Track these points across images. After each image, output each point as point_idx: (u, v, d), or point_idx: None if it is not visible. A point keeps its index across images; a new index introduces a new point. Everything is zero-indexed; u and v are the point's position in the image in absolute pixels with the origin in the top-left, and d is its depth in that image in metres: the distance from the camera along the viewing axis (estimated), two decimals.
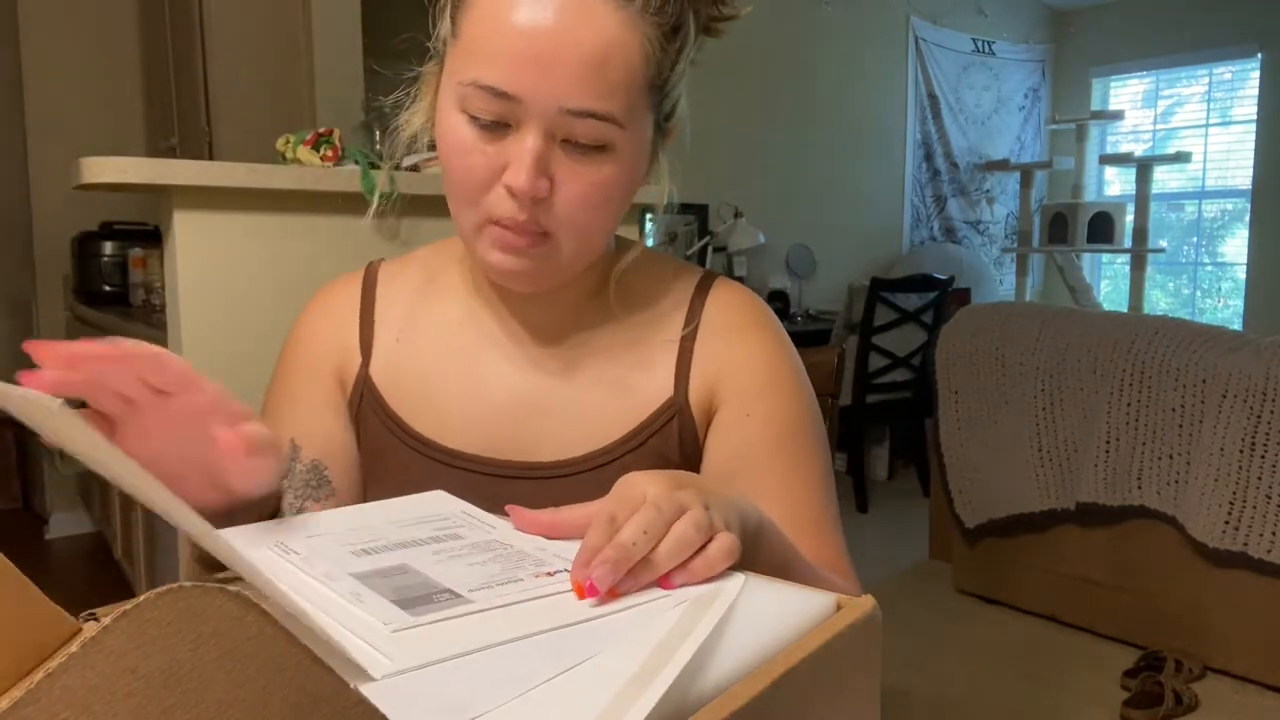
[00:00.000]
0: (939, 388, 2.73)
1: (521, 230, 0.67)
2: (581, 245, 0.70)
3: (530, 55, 0.62)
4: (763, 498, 0.71)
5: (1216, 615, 2.20)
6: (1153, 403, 2.27)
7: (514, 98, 0.63)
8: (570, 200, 0.66)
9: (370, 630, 0.41)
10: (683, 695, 0.37)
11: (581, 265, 0.73)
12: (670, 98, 0.71)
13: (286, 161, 1.64)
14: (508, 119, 0.65)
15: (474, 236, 0.69)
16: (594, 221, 0.69)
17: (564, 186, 0.66)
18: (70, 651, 0.27)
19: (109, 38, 3.47)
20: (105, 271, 3.17)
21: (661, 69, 0.67)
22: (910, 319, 3.64)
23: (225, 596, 0.29)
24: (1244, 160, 5.51)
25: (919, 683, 2.20)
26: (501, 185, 0.66)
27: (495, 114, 0.64)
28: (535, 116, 0.64)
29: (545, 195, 0.66)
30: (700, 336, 0.78)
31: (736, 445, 0.76)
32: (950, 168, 5.66)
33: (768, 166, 4.75)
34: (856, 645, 0.44)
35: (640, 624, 0.42)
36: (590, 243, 0.71)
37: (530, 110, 0.63)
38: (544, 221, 0.67)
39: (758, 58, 4.60)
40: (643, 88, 0.66)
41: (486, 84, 0.63)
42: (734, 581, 0.47)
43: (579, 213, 0.67)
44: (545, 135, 0.64)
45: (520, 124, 0.65)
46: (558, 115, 0.63)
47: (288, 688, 0.29)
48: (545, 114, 0.63)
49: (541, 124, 0.64)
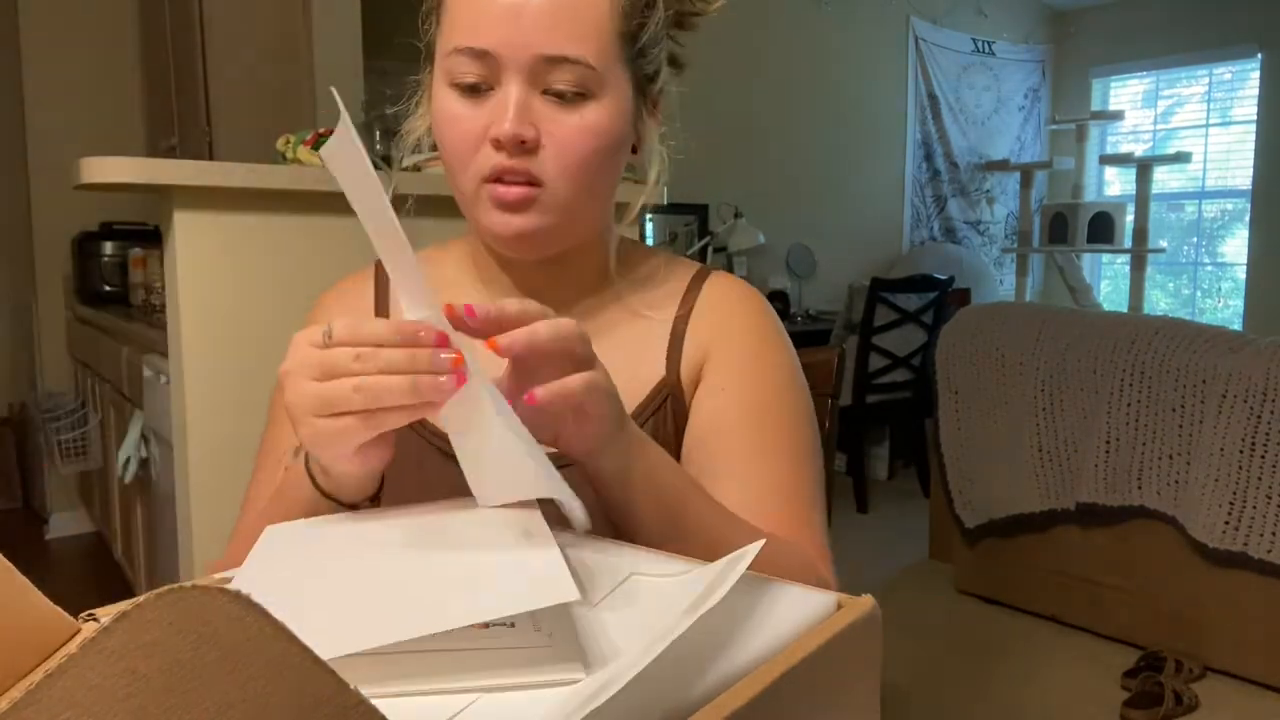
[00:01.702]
0: (939, 388, 2.73)
1: (512, 178, 0.68)
2: (574, 197, 0.70)
3: (501, 11, 0.66)
4: (729, 470, 0.73)
5: (1216, 615, 2.20)
6: (1153, 403, 2.27)
7: (491, 54, 0.66)
8: (558, 146, 0.68)
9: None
10: (682, 695, 0.37)
11: (579, 225, 0.74)
12: (648, 58, 0.73)
13: (286, 161, 1.64)
14: (489, 79, 0.68)
15: (474, 204, 0.71)
16: (584, 169, 0.70)
17: (550, 135, 0.68)
18: (70, 652, 0.27)
19: (109, 38, 3.47)
20: (105, 271, 3.17)
21: (630, 19, 0.70)
22: (910, 319, 3.64)
23: (226, 597, 0.29)
24: (1244, 160, 5.51)
25: (919, 683, 2.20)
26: (489, 142, 0.68)
27: (477, 75, 0.67)
28: (512, 68, 0.67)
29: (531, 142, 0.67)
30: (692, 319, 0.79)
31: (708, 416, 0.76)
32: (950, 168, 5.66)
33: (768, 166, 4.75)
34: (856, 645, 0.44)
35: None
36: (582, 196, 0.71)
37: (507, 63, 0.66)
38: (534, 171, 0.68)
39: (758, 58, 4.60)
40: (614, 35, 0.69)
41: (464, 45, 0.67)
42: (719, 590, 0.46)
43: (568, 159, 0.68)
44: (524, 85, 0.67)
45: (501, 80, 0.67)
46: (533, 63, 0.66)
47: (288, 688, 0.29)
48: (521, 63, 0.66)
49: (519, 74, 0.67)
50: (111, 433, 2.64)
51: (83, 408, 2.98)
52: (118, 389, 2.48)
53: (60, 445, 2.85)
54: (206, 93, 2.87)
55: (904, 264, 5.16)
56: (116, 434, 2.47)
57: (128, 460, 2.17)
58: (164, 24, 3.16)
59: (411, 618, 0.40)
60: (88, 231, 3.22)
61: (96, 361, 2.84)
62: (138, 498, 2.40)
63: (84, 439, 2.88)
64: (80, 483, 3.38)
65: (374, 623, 0.40)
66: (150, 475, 2.13)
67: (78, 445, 2.87)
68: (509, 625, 0.42)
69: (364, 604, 0.44)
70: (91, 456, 2.90)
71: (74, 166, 1.46)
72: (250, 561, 0.51)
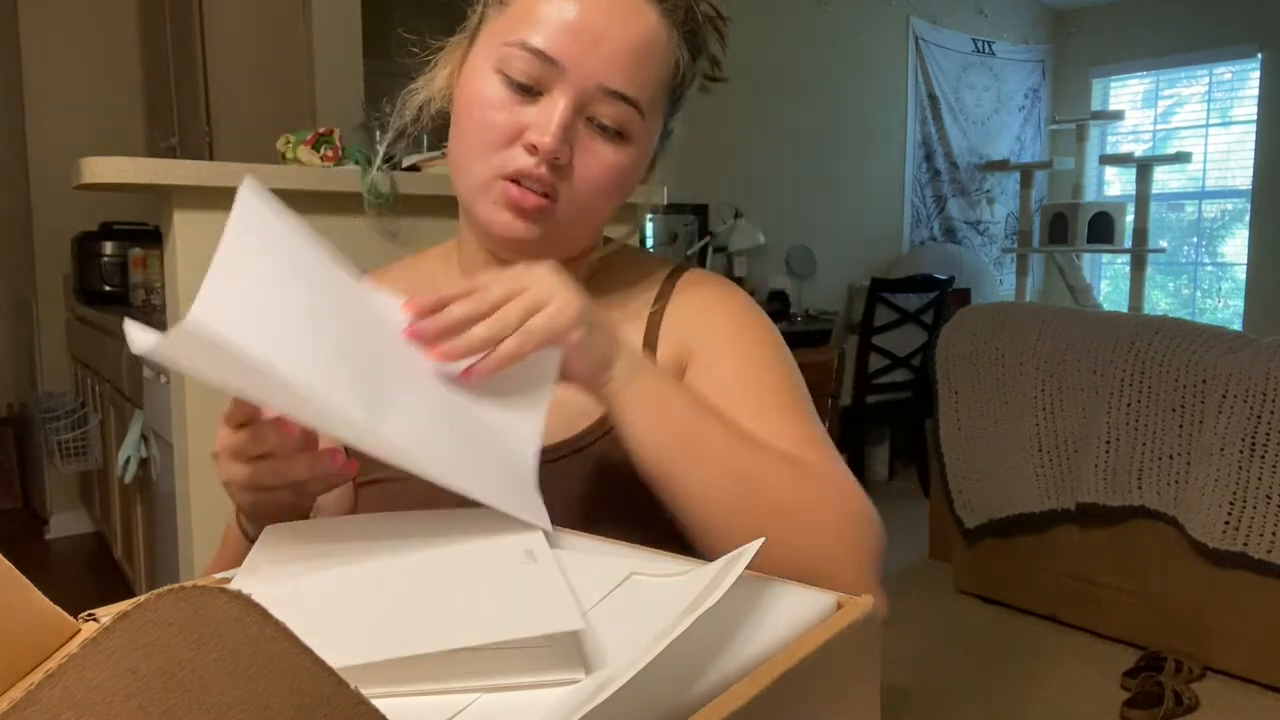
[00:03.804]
0: (939, 388, 2.73)
1: (534, 183, 0.68)
2: (580, 223, 0.72)
3: (581, 28, 0.67)
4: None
5: (1216, 615, 2.20)
6: (1153, 403, 2.27)
7: (558, 63, 0.67)
8: (584, 174, 0.69)
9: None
10: (682, 694, 0.37)
11: (572, 247, 0.75)
12: (676, 115, 0.76)
13: (286, 161, 1.64)
14: (542, 85, 0.68)
15: (480, 193, 0.70)
16: (598, 203, 0.71)
17: (581, 160, 0.69)
18: (70, 652, 0.27)
19: (109, 38, 3.47)
20: (105, 271, 3.17)
21: (682, 81, 0.73)
22: (910, 319, 3.64)
23: (227, 597, 0.29)
24: (1244, 160, 5.51)
25: (919, 683, 2.20)
26: (521, 144, 0.68)
27: (533, 77, 0.67)
28: (572, 87, 0.67)
29: (562, 162, 0.68)
30: (667, 311, 0.79)
31: (702, 394, 0.74)
32: (950, 168, 5.66)
33: (768, 166, 4.75)
34: (856, 645, 0.44)
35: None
36: (586, 224, 0.73)
37: (569, 79, 0.67)
38: (555, 187, 0.69)
39: (758, 58, 4.60)
40: (666, 89, 0.72)
41: (535, 45, 0.67)
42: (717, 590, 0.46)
43: (588, 189, 0.70)
44: (575, 106, 0.68)
45: (552, 91, 0.68)
46: (593, 90, 0.68)
47: (289, 688, 0.29)
48: (582, 86, 0.67)
49: (575, 95, 0.67)
50: (111, 433, 2.64)
51: (83, 408, 2.98)
52: (118, 389, 2.48)
53: (60, 445, 2.85)
54: (206, 93, 2.87)
55: (904, 264, 5.17)
56: (116, 434, 2.47)
57: (128, 460, 2.17)
58: (164, 24, 3.16)
59: (411, 637, 0.40)
60: (88, 231, 3.21)
61: (96, 361, 2.85)
62: (138, 498, 2.40)
63: (84, 439, 2.88)
64: (80, 483, 3.38)
65: (372, 638, 0.40)
66: (150, 475, 2.13)
67: (78, 445, 2.88)
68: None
69: (363, 618, 0.43)
70: (91, 456, 2.90)
71: (74, 166, 1.46)
72: (250, 561, 0.51)
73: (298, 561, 0.51)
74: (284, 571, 0.50)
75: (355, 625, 0.42)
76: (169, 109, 3.21)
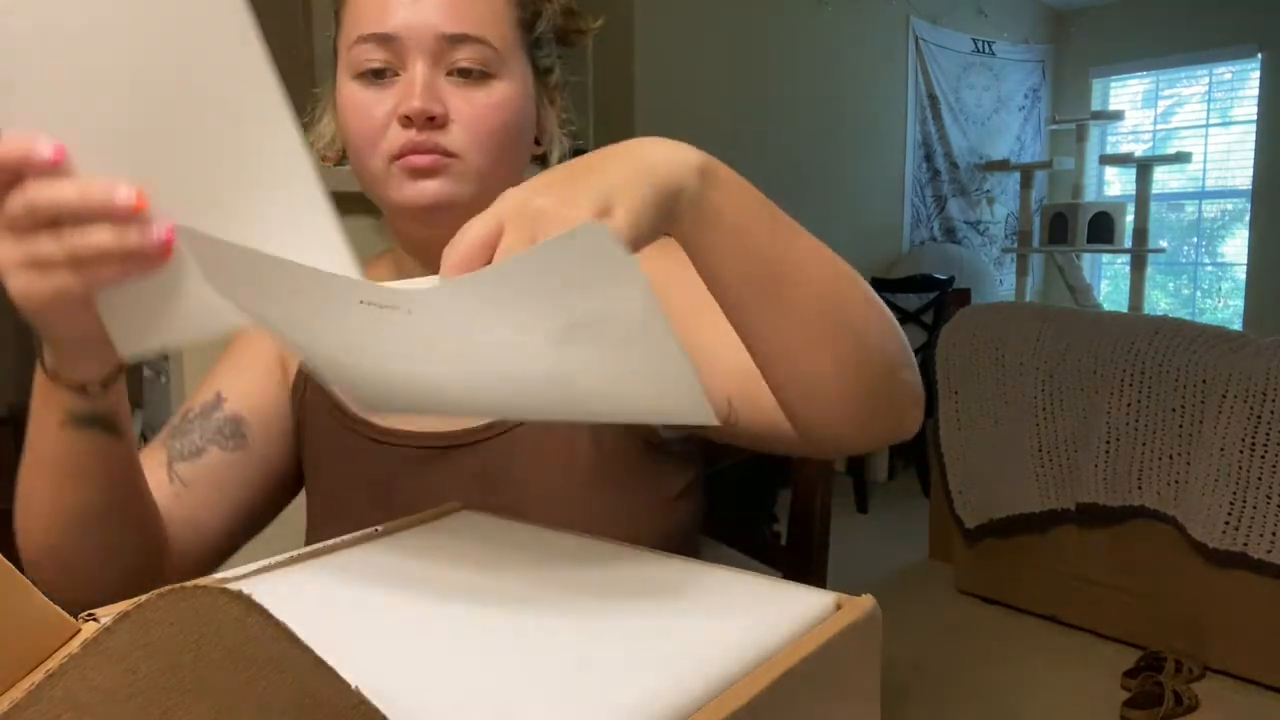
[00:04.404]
0: (939, 388, 2.73)
1: (423, 150, 0.68)
2: (487, 165, 0.70)
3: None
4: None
5: (1216, 615, 2.20)
6: (1153, 403, 2.27)
7: (393, 36, 0.68)
8: (466, 121, 0.69)
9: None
10: (683, 695, 0.37)
11: (493, 199, 0.69)
12: (543, 50, 0.75)
13: None
14: (394, 65, 0.69)
15: (384, 184, 0.70)
16: (494, 140, 0.70)
17: (459, 111, 0.69)
18: (70, 652, 0.27)
19: None
20: None
21: (525, 8, 0.73)
22: (910, 319, 3.64)
23: (228, 597, 0.29)
24: (1244, 160, 5.51)
25: (919, 683, 2.20)
26: (396, 121, 0.68)
27: (382, 60, 0.69)
28: (416, 50, 0.68)
29: (440, 118, 0.68)
30: None
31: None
32: (950, 168, 5.66)
33: (768, 166, 4.74)
34: (856, 645, 0.44)
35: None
36: (494, 167, 0.71)
37: (411, 45, 0.68)
38: (445, 144, 0.69)
39: (757, 57, 4.60)
40: (512, 22, 0.72)
41: (368, 32, 0.68)
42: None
43: (479, 131, 0.69)
44: (429, 66, 0.68)
45: (406, 64, 0.69)
46: (436, 42, 0.68)
47: (289, 689, 0.29)
48: (424, 44, 0.68)
49: (423, 55, 0.68)
50: None
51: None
52: None
53: None
54: None
55: (904, 264, 5.17)
56: None
57: None
58: None
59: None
60: None
61: None
62: None
63: None
64: None
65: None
66: None
67: None
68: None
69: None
70: None
71: None
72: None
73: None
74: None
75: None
76: None
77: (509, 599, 0.47)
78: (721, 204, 0.51)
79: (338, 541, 0.55)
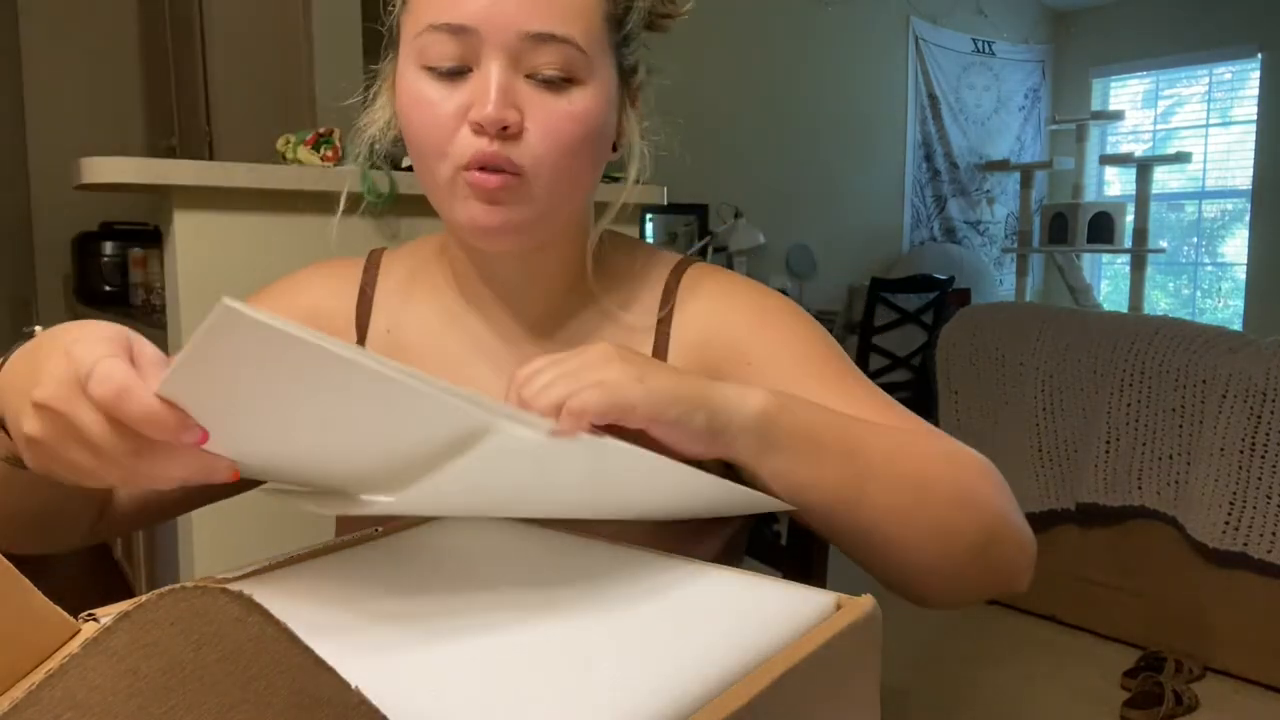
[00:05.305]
0: (939, 388, 2.73)
1: (492, 166, 0.63)
2: (556, 187, 0.65)
3: None
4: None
5: (1216, 615, 2.20)
6: (1153, 403, 2.27)
7: (471, 29, 0.61)
8: (541, 133, 0.63)
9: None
10: (683, 695, 0.37)
11: (559, 219, 0.68)
12: (630, 47, 0.69)
13: (286, 161, 1.64)
14: (468, 60, 0.63)
15: (448, 194, 0.65)
16: (567, 161, 0.65)
17: (534, 120, 0.63)
18: (71, 652, 0.27)
19: (109, 38, 3.47)
20: (105, 271, 3.17)
21: (617, 2, 0.66)
22: (910, 319, 3.64)
23: (228, 597, 0.29)
24: (1244, 160, 5.51)
25: (919, 683, 2.20)
26: (468, 126, 0.63)
27: (455, 56, 0.63)
28: (494, 46, 0.62)
29: (514, 126, 0.62)
30: (675, 320, 0.74)
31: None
32: (950, 168, 5.66)
33: (768, 166, 4.75)
34: (856, 645, 0.44)
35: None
36: (565, 187, 0.66)
37: (488, 40, 0.62)
38: (515, 158, 0.63)
39: (758, 57, 4.60)
40: (601, 18, 0.65)
41: (441, 22, 0.62)
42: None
43: (551, 148, 0.63)
44: (508, 65, 0.62)
45: (480, 61, 0.62)
46: (518, 41, 0.62)
47: (289, 689, 0.29)
48: (504, 42, 0.62)
49: (502, 53, 0.62)
50: None
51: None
52: None
53: None
54: (206, 93, 2.87)
55: (904, 264, 5.17)
56: None
57: None
58: (164, 24, 3.16)
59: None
60: (88, 231, 3.21)
61: None
62: None
63: None
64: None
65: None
66: None
67: None
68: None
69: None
70: None
71: (74, 166, 1.46)
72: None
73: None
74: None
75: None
76: (169, 109, 3.21)
77: (509, 599, 0.47)
78: (782, 468, 0.58)
79: (337, 542, 0.55)
